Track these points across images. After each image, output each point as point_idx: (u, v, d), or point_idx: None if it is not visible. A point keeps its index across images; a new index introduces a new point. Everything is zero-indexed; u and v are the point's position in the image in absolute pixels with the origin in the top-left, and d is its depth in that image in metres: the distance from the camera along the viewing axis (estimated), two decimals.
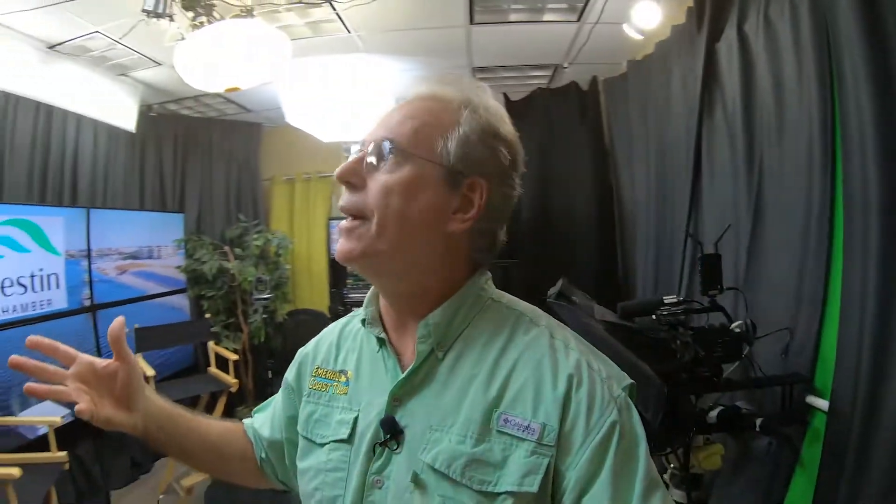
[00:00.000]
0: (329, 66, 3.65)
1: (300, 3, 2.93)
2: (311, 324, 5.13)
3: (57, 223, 3.47)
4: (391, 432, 0.78)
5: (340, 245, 0.79)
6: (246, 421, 1.10)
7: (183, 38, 2.66)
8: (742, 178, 2.49)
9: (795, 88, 2.14)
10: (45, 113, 3.63)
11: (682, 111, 2.97)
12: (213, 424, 1.07)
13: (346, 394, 0.88)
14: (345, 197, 0.80)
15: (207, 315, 4.58)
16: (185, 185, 4.98)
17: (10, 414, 3.06)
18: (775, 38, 2.24)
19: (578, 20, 3.22)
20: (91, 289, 3.73)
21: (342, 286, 5.16)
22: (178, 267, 4.63)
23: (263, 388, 4.69)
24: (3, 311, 3.08)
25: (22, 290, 3.18)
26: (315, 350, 1.00)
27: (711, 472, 2.36)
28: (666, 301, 2.23)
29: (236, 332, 4.71)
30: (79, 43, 3.17)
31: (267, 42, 2.64)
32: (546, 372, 0.73)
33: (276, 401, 1.06)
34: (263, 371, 4.79)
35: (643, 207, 3.57)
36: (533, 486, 0.68)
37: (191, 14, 2.67)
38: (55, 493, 2.78)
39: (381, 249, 0.77)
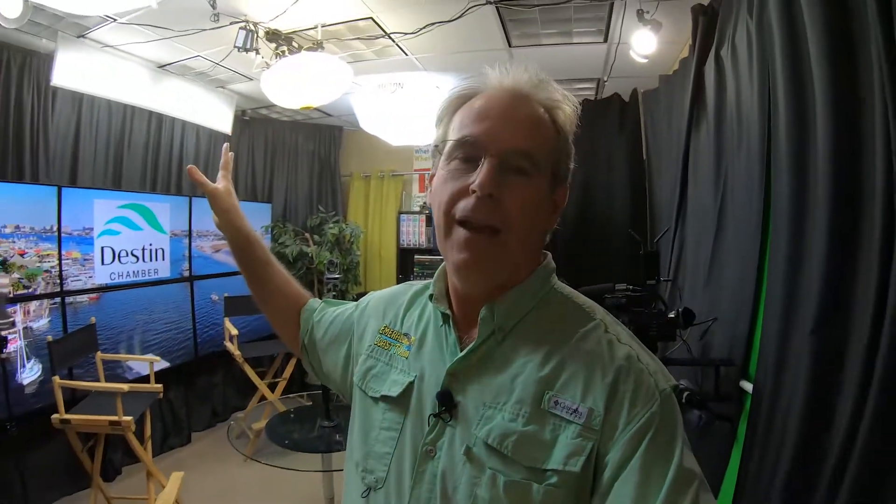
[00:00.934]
0: (394, 81, 4.22)
1: (359, 38, 3.53)
2: None
3: (164, 208, 4.29)
4: (446, 405, 0.81)
5: (469, 258, 0.80)
6: (309, 305, 1.19)
7: (268, 66, 3.33)
8: (712, 188, 2.69)
9: (747, 108, 2.31)
10: (156, 120, 4.39)
11: (683, 126, 3.16)
12: (282, 277, 1.22)
13: (406, 357, 0.92)
14: (477, 207, 0.79)
15: None
16: (273, 179, 5.73)
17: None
18: (738, 61, 2.40)
19: (605, 41, 3.54)
20: (190, 263, 4.54)
21: (409, 273, 5.62)
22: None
23: None
24: (120, 276, 3.92)
25: (135, 259, 4.02)
26: (384, 308, 1.03)
27: None
28: (617, 288, 2.61)
29: None
30: (183, 63, 3.89)
31: (332, 70, 3.26)
32: (597, 361, 0.76)
33: (340, 314, 1.12)
34: None
35: (665, 213, 3.76)
36: (576, 466, 0.71)
37: (273, 45, 3.34)
38: (150, 418, 3.51)
39: (507, 266, 0.83)
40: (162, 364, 4.00)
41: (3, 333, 2.62)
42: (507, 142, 0.79)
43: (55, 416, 2.93)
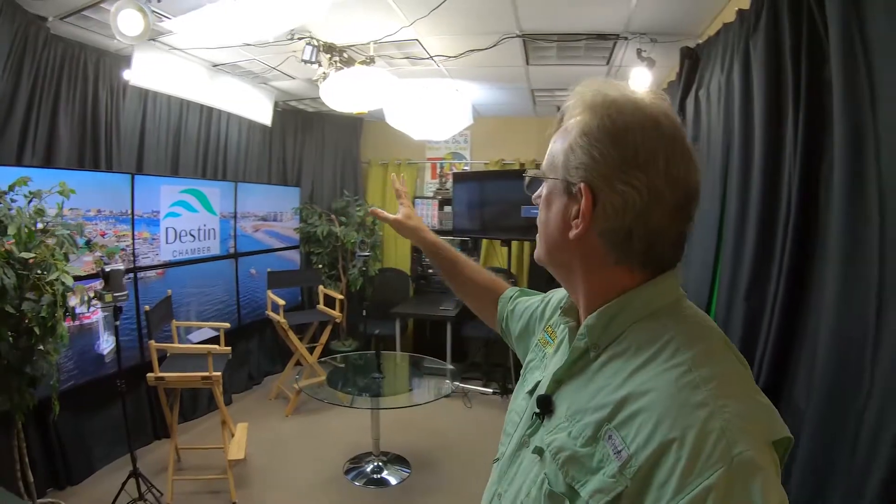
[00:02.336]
0: (421, 86, 4.71)
1: (406, 58, 4.07)
2: (395, 280, 6.29)
3: (215, 192, 4.75)
4: (542, 408, 0.86)
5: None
6: (506, 294, 1.35)
7: (325, 76, 3.83)
8: None
9: (714, 139, 2.86)
10: (207, 113, 4.84)
11: None
12: (471, 270, 1.43)
13: (548, 358, 0.98)
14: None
15: (319, 266, 5.85)
16: (302, 165, 6.23)
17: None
18: (710, 103, 2.96)
19: (607, 64, 4.08)
20: (235, 241, 5.02)
21: (422, 252, 6.18)
22: (295, 228, 5.91)
23: (356, 326, 5.88)
24: (181, 253, 4.40)
25: (192, 238, 4.49)
26: (557, 304, 1.11)
27: None
28: None
29: (336, 282, 5.95)
30: (236, 63, 4.30)
31: (381, 81, 3.79)
32: (661, 407, 0.67)
33: (528, 306, 1.23)
34: (355, 313, 5.91)
35: None
36: (597, 503, 0.68)
37: (328, 56, 3.82)
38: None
39: (542, 255, 0.90)
40: (210, 333, 4.50)
41: (119, 304, 3.07)
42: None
43: (150, 374, 3.39)
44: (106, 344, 3.75)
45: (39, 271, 2.70)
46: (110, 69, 3.84)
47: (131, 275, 3.93)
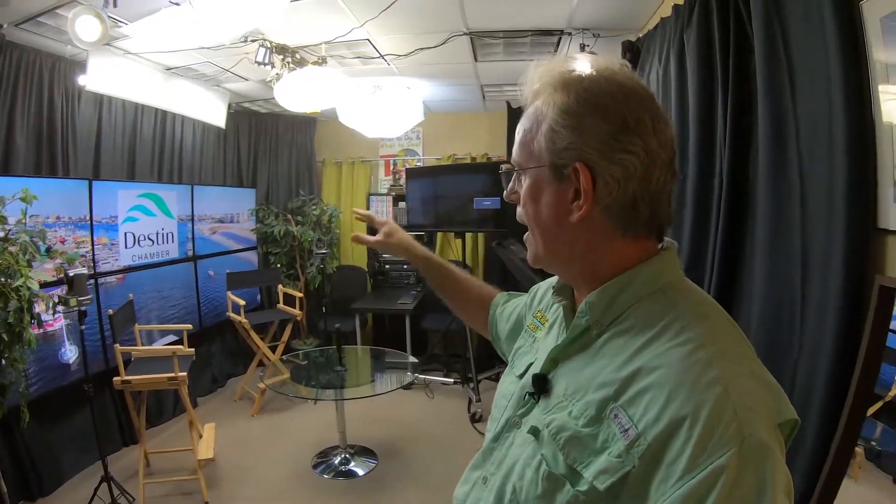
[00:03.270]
0: (372, 84, 4.80)
1: (357, 57, 4.17)
2: (352, 276, 6.37)
3: (172, 196, 4.75)
4: (537, 388, 0.83)
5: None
6: (497, 298, 1.32)
7: (279, 77, 3.88)
8: None
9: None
10: (161, 116, 4.83)
11: None
12: (469, 283, 1.41)
13: (538, 340, 0.99)
14: (517, 211, 0.87)
15: (278, 265, 5.89)
16: (257, 166, 6.24)
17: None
18: (668, 79, 3.02)
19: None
20: (193, 244, 5.02)
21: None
22: (252, 229, 5.92)
23: (316, 323, 5.94)
24: (140, 257, 4.39)
25: (151, 243, 4.48)
26: (544, 294, 1.10)
27: None
28: None
29: (294, 281, 6.00)
30: (189, 66, 4.31)
31: (334, 81, 3.91)
32: (670, 385, 0.65)
33: (515, 307, 1.22)
34: (314, 311, 6.01)
35: None
36: (602, 484, 0.66)
37: (281, 57, 3.87)
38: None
39: (540, 253, 0.85)
40: (171, 337, 4.53)
41: (83, 308, 3.09)
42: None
43: (117, 378, 3.41)
44: (70, 352, 3.74)
45: (3, 278, 2.71)
46: (65, 75, 3.82)
47: (92, 281, 3.92)
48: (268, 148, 6.27)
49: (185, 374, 3.52)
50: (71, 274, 3.11)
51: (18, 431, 3.37)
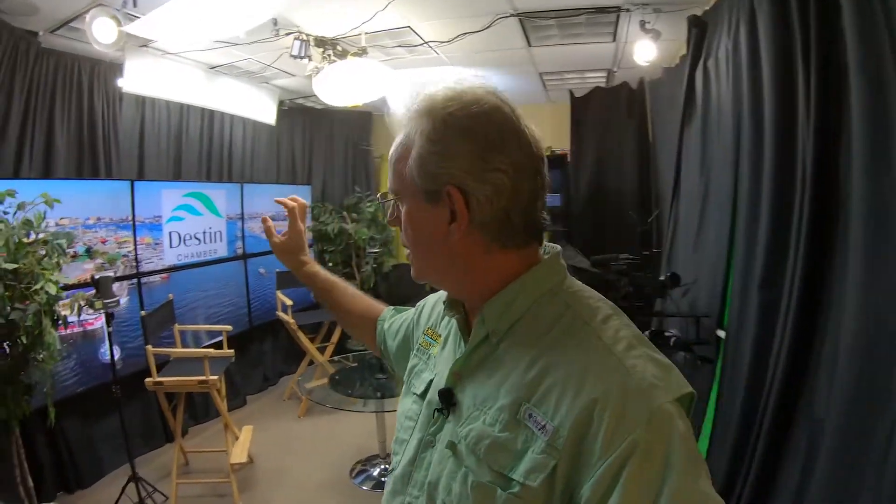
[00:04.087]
0: (424, 75, 4.62)
1: (399, 46, 3.97)
2: (408, 275, 6.22)
3: (220, 194, 4.76)
4: (445, 403, 0.84)
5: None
6: (384, 314, 1.30)
7: (318, 70, 3.76)
8: (698, 174, 3.14)
9: (724, 112, 2.73)
10: (208, 115, 4.85)
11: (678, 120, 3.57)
12: (356, 299, 1.37)
13: (435, 356, 0.98)
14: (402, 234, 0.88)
15: (330, 264, 5.82)
16: (312, 163, 6.20)
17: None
18: (719, 73, 2.83)
19: (613, 41, 3.91)
20: (243, 242, 5.03)
21: None
22: (306, 227, 5.85)
23: None
24: (186, 256, 4.42)
25: (197, 242, 4.50)
26: (431, 311, 1.09)
27: None
28: (621, 257, 3.13)
29: (350, 280, 5.89)
30: (233, 64, 4.29)
31: (375, 73, 3.71)
32: (576, 376, 0.70)
33: (403, 322, 1.21)
34: None
35: (666, 191, 4.14)
36: (535, 482, 0.68)
37: (321, 49, 3.75)
38: (224, 380, 3.99)
39: (422, 271, 0.88)
40: (219, 336, 4.48)
41: (111, 311, 3.10)
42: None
43: (148, 379, 3.41)
44: (113, 350, 3.78)
45: (27, 282, 2.72)
46: (105, 78, 3.87)
47: (135, 280, 3.96)
48: (322, 144, 6.22)
49: (216, 377, 3.47)
50: (98, 277, 3.11)
51: (49, 428, 3.40)
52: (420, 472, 0.87)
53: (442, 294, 1.01)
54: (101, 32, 2.87)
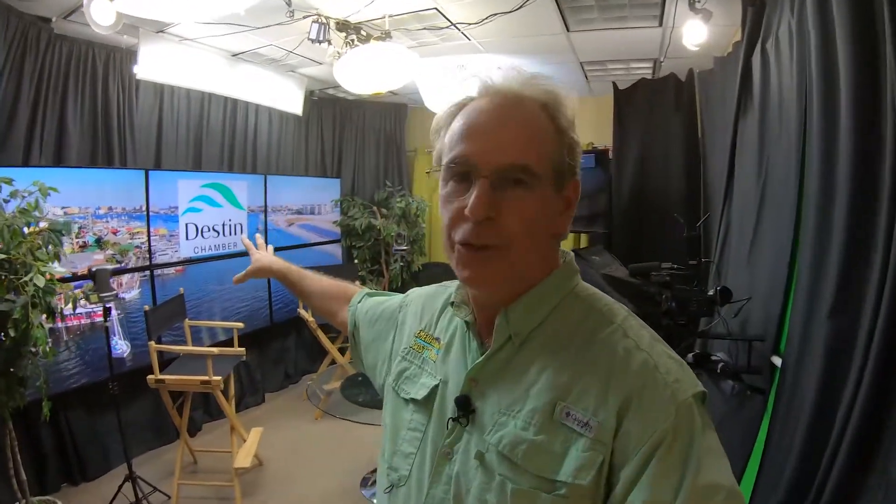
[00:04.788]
0: (457, 64, 4.38)
1: (425, 28, 3.69)
2: (441, 275, 5.97)
3: (242, 186, 4.63)
4: (463, 411, 0.81)
5: (473, 275, 0.78)
6: (355, 298, 1.26)
7: (339, 55, 3.55)
8: (755, 174, 2.76)
9: (787, 101, 2.36)
10: (231, 104, 4.72)
11: (732, 113, 3.20)
12: (326, 284, 1.39)
13: (435, 361, 0.92)
14: (474, 232, 0.76)
15: (356, 261, 5.63)
16: (342, 156, 6.02)
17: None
18: (780, 56, 2.46)
19: (660, 25, 3.56)
20: (266, 236, 4.88)
21: None
22: (335, 222, 5.70)
23: None
24: (203, 249, 4.30)
25: (216, 234, 4.38)
26: (421, 311, 1.04)
27: None
28: (663, 266, 2.73)
29: (378, 278, 5.71)
30: (256, 51, 4.13)
31: (400, 58, 3.46)
32: (611, 371, 0.72)
33: (384, 309, 1.15)
34: None
35: (717, 193, 3.74)
36: (586, 479, 0.69)
37: (343, 34, 3.54)
38: (233, 378, 3.87)
39: (518, 276, 0.80)
40: (240, 330, 4.35)
41: (108, 305, 2.98)
42: (498, 158, 0.75)
43: (151, 376, 3.29)
44: (121, 346, 3.70)
45: (22, 272, 2.62)
46: (121, 65, 3.78)
47: (147, 273, 3.86)
48: (353, 136, 6.03)
49: (219, 378, 3.32)
50: (94, 269, 3.00)
51: (63, 419, 3.45)
52: (438, 487, 0.82)
53: (427, 292, 1.07)
54: (100, 14, 2.75)
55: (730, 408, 2.71)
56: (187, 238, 4.15)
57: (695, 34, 3.11)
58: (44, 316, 2.70)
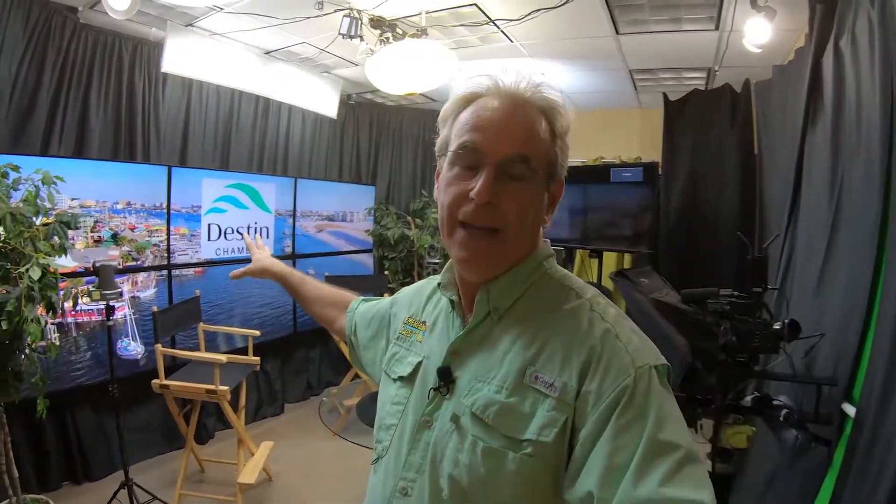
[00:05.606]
0: (499, 68, 4.16)
1: (463, 25, 3.49)
2: None
3: (270, 188, 4.48)
4: (444, 380, 0.88)
5: (469, 255, 0.86)
6: (353, 305, 1.32)
7: (372, 52, 3.38)
8: (826, 191, 2.42)
9: (868, 106, 2.06)
10: (263, 103, 4.59)
11: (799, 122, 2.86)
12: (326, 291, 1.44)
13: (421, 341, 1.01)
14: (477, 213, 0.84)
15: (387, 273, 5.42)
16: (378, 162, 5.84)
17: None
18: (858, 54, 2.17)
19: (716, 29, 3.28)
20: (293, 241, 4.74)
21: None
22: (367, 231, 5.51)
23: None
24: (226, 252, 4.17)
25: (240, 237, 4.23)
26: (410, 301, 1.12)
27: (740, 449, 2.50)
28: (721, 293, 2.38)
29: None
30: (289, 49, 4.01)
31: (436, 57, 3.27)
32: (575, 337, 0.79)
33: (377, 311, 1.23)
34: None
35: (776, 214, 3.40)
36: (549, 437, 0.75)
37: (377, 31, 3.38)
38: (245, 388, 3.68)
39: (507, 260, 0.88)
40: (260, 337, 4.19)
41: (112, 303, 2.85)
42: (505, 149, 0.83)
43: (155, 381, 3.14)
44: (132, 347, 3.58)
45: (18, 263, 2.53)
46: (148, 58, 3.70)
47: (164, 272, 3.73)
48: (391, 143, 5.85)
49: (226, 388, 3.16)
50: (98, 264, 2.87)
51: (70, 417, 3.39)
52: (416, 453, 0.88)
53: (416, 286, 1.16)
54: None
55: (785, 459, 2.36)
56: (209, 239, 4.02)
57: (757, 34, 2.83)
58: (41, 310, 2.58)
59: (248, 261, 1.51)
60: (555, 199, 0.92)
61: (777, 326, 2.19)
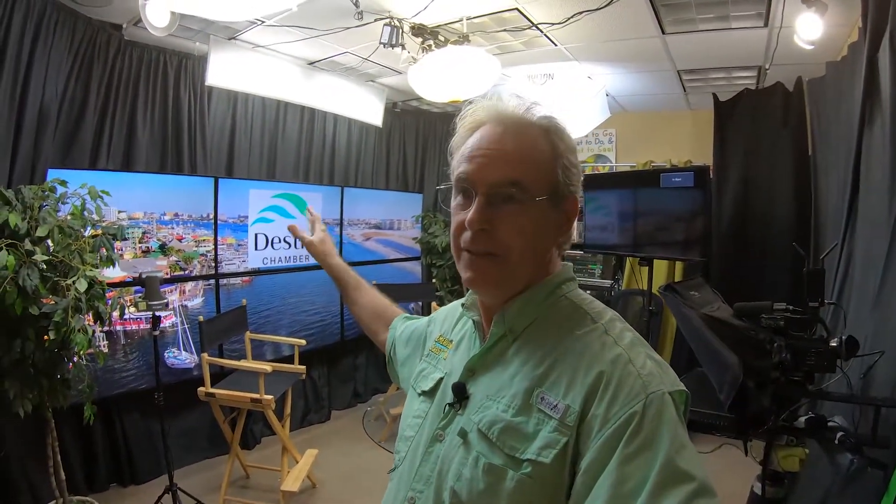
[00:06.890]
0: (544, 72, 4.10)
1: (505, 29, 3.44)
2: None
3: (317, 197, 4.53)
4: (458, 396, 0.90)
5: (474, 276, 0.89)
6: (395, 322, 1.36)
7: (414, 60, 3.38)
8: (886, 196, 2.25)
9: None
10: (309, 113, 4.64)
11: (854, 121, 2.69)
12: (378, 301, 1.49)
13: (446, 359, 1.04)
14: (474, 239, 0.86)
15: (434, 280, 5.39)
16: (425, 170, 5.83)
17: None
18: None
19: (765, 25, 3.13)
20: (341, 249, 4.76)
21: None
22: (415, 238, 5.49)
23: None
24: (273, 261, 4.22)
25: (287, 246, 4.29)
26: (443, 320, 1.16)
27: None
28: (775, 308, 2.24)
29: (457, 299, 5.44)
30: (332, 59, 4.03)
31: (479, 63, 3.22)
32: (584, 361, 0.79)
33: (415, 329, 1.27)
34: None
35: (833, 220, 3.23)
36: (548, 458, 0.75)
37: (419, 39, 3.38)
38: (290, 396, 3.74)
39: (513, 281, 0.90)
40: (307, 346, 4.22)
41: (157, 313, 2.92)
42: (493, 176, 0.85)
43: (201, 388, 3.22)
44: (185, 355, 3.68)
45: (67, 275, 2.61)
46: (193, 72, 3.78)
47: (212, 281, 3.81)
48: (438, 150, 5.80)
49: (271, 397, 3.20)
50: (144, 275, 2.94)
51: (118, 421, 3.49)
52: (427, 465, 0.90)
53: (451, 306, 1.18)
54: (155, 16, 2.70)
55: (838, 484, 2.19)
56: (256, 248, 4.09)
57: (808, 30, 2.67)
58: (89, 320, 2.67)
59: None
60: (569, 216, 0.92)
61: (834, 343, 2.03)
